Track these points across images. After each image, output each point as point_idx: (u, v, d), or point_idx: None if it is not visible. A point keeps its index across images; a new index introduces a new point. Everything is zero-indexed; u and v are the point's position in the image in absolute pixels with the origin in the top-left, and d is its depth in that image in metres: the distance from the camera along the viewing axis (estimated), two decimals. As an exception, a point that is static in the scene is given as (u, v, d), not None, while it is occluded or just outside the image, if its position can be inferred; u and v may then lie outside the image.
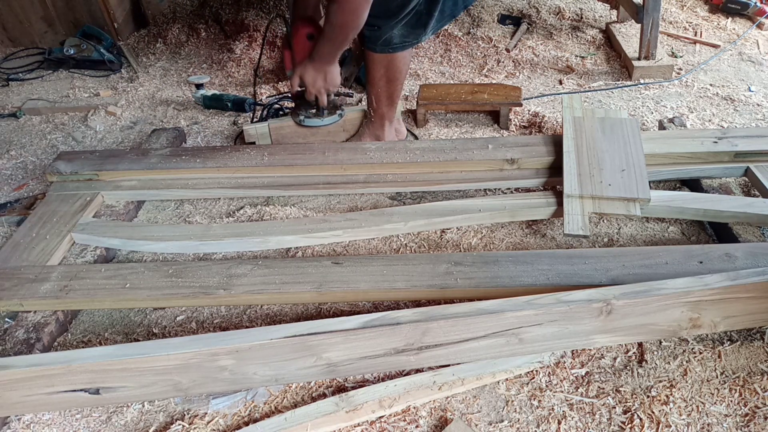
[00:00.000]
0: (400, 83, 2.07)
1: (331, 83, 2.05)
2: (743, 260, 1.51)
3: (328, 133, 2.24)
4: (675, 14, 3.23)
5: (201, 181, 2.03)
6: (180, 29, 3.35)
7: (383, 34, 1.92)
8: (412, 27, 1.93)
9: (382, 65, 2.00)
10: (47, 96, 2.87)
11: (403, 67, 2.04)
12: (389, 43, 1.95)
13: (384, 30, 1.91)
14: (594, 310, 1.33)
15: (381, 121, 2.16)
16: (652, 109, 2.46)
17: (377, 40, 1.94)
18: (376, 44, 1.96)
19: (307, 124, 2.19)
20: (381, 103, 2.11)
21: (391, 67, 2.01)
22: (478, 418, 1.31)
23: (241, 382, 1.34)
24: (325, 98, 2.11)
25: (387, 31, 1.91)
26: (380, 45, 1.95)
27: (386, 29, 1.91)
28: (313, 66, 1.99)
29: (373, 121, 2.17)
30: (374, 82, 2.06)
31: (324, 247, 1.81)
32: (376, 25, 1.90)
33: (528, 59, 2.91)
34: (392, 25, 1.89)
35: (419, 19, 1.92)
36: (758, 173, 1.87)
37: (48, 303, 1.57)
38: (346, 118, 2.23)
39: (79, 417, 1.36)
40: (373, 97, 2.11)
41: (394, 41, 1.95)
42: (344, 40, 1.88)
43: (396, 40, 1.95)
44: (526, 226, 1.86)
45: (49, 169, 2.06)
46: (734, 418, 1.27)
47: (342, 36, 1.85)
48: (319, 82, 2.03)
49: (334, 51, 1.93)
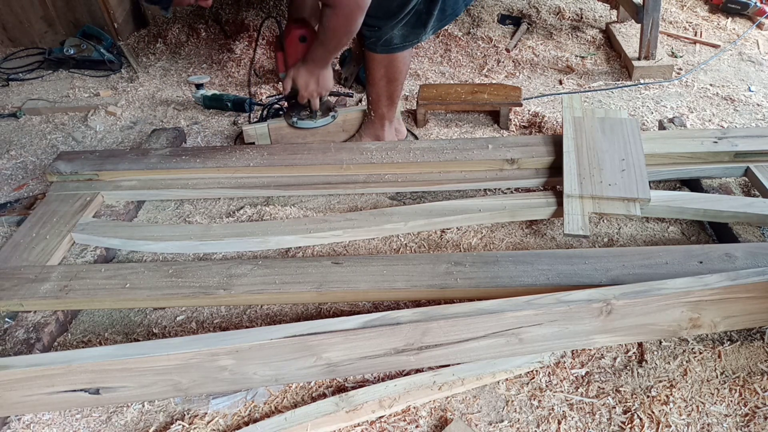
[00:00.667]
0: (400, 83, 2.07)
1: (323, 87, 2.04)
2: (743, 260, 1.51)
3: (327, 134, 2.24)
4: (675, 14, 3.23)
5: (201, 181, 2.03)
6: (180, 29, 3.35)
7: (383, 35, 1.92)
8: (412, 26, 1.93)
9: (383, 65, 2.00)
10: (47, 96, 2.87)
11: (404, 68, 2.04)
12: (390, 44, 1.94)
13: (384, 30, 1.91)
14: (594, 310, 1.33)
15: (381, 121, 2.16)
16: (652, 109, 2.46)
17: (378, 40, 1.94)
18: (377, 45, 1.95)
19: (299, 126, 2.19)
20: (381, 103, 2.11)
21: (392, 67, 2.00)
22: (478, 418, 1.31)
23: (241, 382, 1.34)
24: (317, 101, 2.10)
25: (387, 32, 1.91)
26: (381, 45, 1.95)
27: (386, 29, 1.90)
28: (306, 69, 1.98)
29: (373, 121, 2.17)
30: (374, 82, 2.06)
31: (324, 247, 1.81)
32: (376, 26, 1.90)
33: (528, 59, 2.91)
34: (392, 25, 1.89)
35: (419, 18, 1.92)
36: (758, 173, 1.87)
37: (48, 303, 1.56)
38: (345, 118, 2.22)
39: (79, 417, 1.36)
40: (373, 97, 2.11)
41: (394, 41, 1.94)
42: (338, 44, 1.87)
43: (396, 41, 1.94)
44: (526, 226, 1.86)
45: (49, 169, 2.06)
46: (734, 418, 1.27)
47: (335, 41, 1.85)
48: (311, 86, 2.03)
49: (328, 55, 1.93)
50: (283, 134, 2.24)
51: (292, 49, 2.01)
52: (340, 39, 1.84)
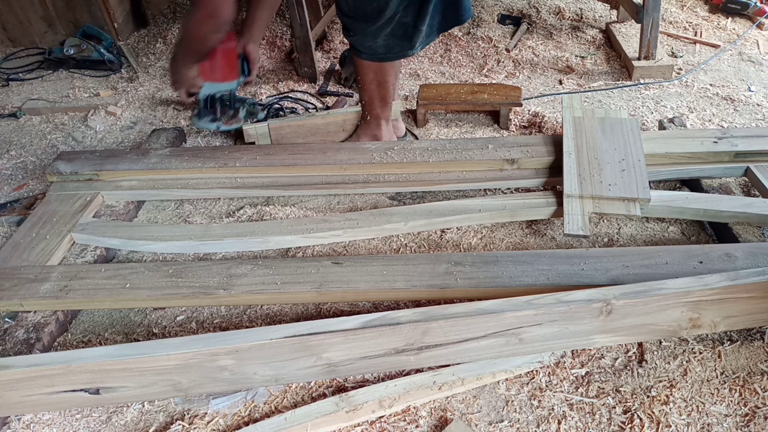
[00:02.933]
0: (391, 85, 2.07)
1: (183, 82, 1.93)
2: (743, 260, 1.51)
3: (327, 133, 2.24)
4: (675, 14, 3.22)
5: (201, 181, 2.03)
6: (180, 29, 3.35)
7: (366, 41, 1.91)
8: (399, 39, 1.91)
9: (371, 70, 2.00)
10: (47, 96, 2.87)
11: (393, 72, 2.03)
12: (374, 52, 1.94)
13: (364, 37, 1.90)
14: (594, 310, 1.33)
15: (377, 121, 2.17)
16: (652, 109, 2.46)
17: (360, 46, 1.94)
18: (361, 51, 1.96)
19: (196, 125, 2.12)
20: (374, 105, 2.12)
21: (380, 72, 2.01)
22: (478, 418, 1.31)
23: (241, 382, 1.34)
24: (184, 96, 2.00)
25: (369, 39, 1.90)
26: (365, 53, 1.95)
27: (368, 36, 1.89)
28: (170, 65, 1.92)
29: (369, 122, 2.18)
30: (365, 86, 2.07)
31: (324, 247, 1.81)
32: (352, 29, 1.90)
33: (528, 59, 2.91)
34: (373, 31, 1.87)
35: (405, 32, 1.90)
36: (758, 173, 1.87)
37: (48, 303, 1.57)
38: (345, 117, 2.23)
39: (79, 417, 1.36)
40: (366, 99, 2.12)
41: (378, 51, 1.93)
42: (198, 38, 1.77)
43: (381, 50, 1.93)
44: (526, 226, 1.86)
45: (49, 169, 2.06)
46: (734, 418, 1.27)
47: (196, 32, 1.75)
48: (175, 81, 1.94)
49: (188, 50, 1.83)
50: (283, 134, 2.24)
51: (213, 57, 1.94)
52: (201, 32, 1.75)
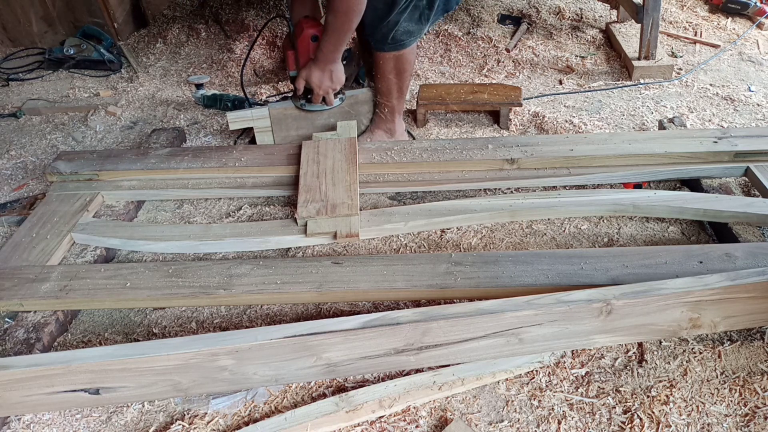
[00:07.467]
0: (409, 74, 2.14)
1: (337, 82, 2.08)
2: (743, 260, 1.51)
3: (331, 115, 2.24)
4: (675, 14, 3.23)
5: (201, 181, 2.03)
6: (180, 29, 3.35)
7: (387, 33, 1.97)
8: (416, 22, 1.99)
9: (391, 61, 2.06)
10: (47, 96, 2.87)
11: (412, 58, 2.11)
12: (396, 41, 2.00)
13: (382, 29, 1.95)
14: (594, 310, 1.33)
15: (393, 115, 2.21)
16: (652, 109, 2.46)
17: (383, 38, 1.99)
18: (384, 44, 2.01)
19: (308, 109, 2.18)
20: (392, 96, 2.15)
21: (400, 61, 2.06)
22: (478, 418, 1.31)
23: (241, 382, 1.34)
24: (332, 97, 2.13)
25: (389, 29, 1.96)
26: (388, 44, 2.01)
27: (384, 28, 1.95)
28: (318, 67, 2.01)
29: (385, 115, 2.22)
30: (384, 77, 2.11)
31: (324, 247, 1.81)
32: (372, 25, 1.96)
33: (528, 59, 2.91)
34: (388, 23, 1.94)
35: (422, 14, 1.98)
36: (758, 173, 1.87)
37: (48, 303, 1.56)
38: (351, 102, 2.24)
39: (79, 417, 1.36)
40: (383, 91, 2.15)
41: (400, 38, 2.00)
42: (349, 29, 1.88)
43: (402, 37, 2.00)
44: (526, 226, 1.86)
45: (49, 169, 2.05)
46: (734, 418, 1.27)
47: (347, 24, 1.86)
48: (326, 83, 2.06)
49: (339, 44, 1.94)
50: (287, 116, 2.22)
51: (303, 47, 2.02)
52: (351, 20, 1.85)
